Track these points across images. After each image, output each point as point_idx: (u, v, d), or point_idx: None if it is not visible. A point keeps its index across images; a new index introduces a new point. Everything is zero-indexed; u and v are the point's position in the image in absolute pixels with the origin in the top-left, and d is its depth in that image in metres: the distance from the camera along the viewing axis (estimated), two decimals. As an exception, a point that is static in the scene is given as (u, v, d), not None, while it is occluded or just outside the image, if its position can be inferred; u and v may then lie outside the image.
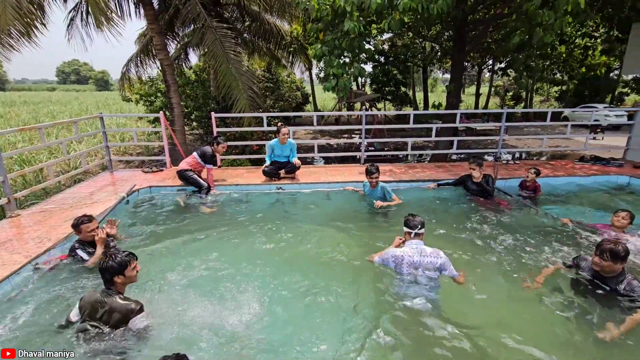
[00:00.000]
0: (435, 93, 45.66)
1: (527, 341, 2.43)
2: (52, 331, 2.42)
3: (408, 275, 2.89)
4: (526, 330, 2.58)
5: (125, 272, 2.41)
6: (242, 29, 12.10)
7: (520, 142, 14.66)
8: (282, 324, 2.64)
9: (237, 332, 2.50)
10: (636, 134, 7.41)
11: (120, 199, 4.86)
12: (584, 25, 11.12)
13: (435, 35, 16.09)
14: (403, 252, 2.92)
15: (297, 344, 2.45)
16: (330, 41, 6.57)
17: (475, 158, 5.11)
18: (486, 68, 26.55)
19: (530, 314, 2.82)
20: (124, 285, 2.46)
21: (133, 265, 2.47)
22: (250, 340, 2.44)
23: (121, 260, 2.40)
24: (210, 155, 5.42)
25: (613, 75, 25.25)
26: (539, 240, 3.90)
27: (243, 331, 2.51)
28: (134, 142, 7.08)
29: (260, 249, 3.75)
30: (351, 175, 6.15)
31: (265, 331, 2.54)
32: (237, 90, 8.10)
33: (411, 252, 2.90)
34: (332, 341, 2.46)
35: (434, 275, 2.88)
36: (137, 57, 11.51)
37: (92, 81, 77.18)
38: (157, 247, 3.72)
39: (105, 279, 2.40)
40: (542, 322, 2.72)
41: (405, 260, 2.88)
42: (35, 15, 6.84)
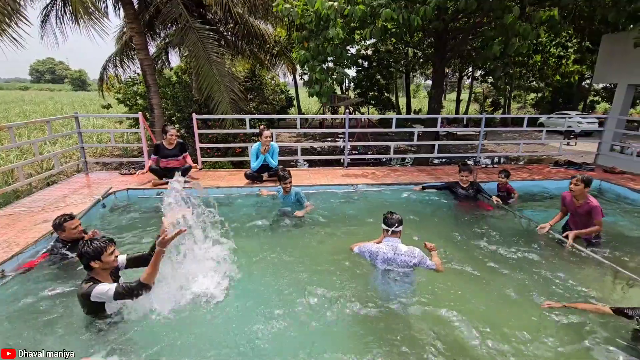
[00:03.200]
0: (418, 99, 46.51)
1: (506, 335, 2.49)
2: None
3: (382, 268, 2.99)
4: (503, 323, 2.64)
5: (102, 257, 2.39)
6: (225, 31, 11.98)
7: (499, 147, 15.10)
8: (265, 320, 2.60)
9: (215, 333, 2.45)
10: (606, 140, 7.75)
11: (95, 202, 4.68)
12: (557, 36, 11.60)
13: (417, 41, 16.41)
14: (379, 248, 3.01)
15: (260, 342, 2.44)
16: (314, 47, 6.60)
17: (465, 166, 5.21)
18: (466, 75, 27.28)
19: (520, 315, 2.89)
20: (103, 270, 2.44)
21: (110, 251, 2.44)
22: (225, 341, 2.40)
23: (97, 246, 2.38)
24: (154, 146, 5.59)
25: (585, 84, 26.44)
26: (511, 241, 4.04)
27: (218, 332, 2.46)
28: (112, 143, 6.86)
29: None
30: (334, 179, 6.16)
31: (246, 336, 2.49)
32: (218, 92, 8.00)
33: (386, 249, 2.97)
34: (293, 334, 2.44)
35: (406, 271, 2.95)
36: (115, 57, 11.21)
37: (68, 80, 74.50)
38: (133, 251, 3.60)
39: (84, 264, 2.40)
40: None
41: (379, 256, 2.98)
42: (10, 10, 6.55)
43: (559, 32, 6.47)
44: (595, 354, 2.40)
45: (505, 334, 2.56)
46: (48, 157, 6.63)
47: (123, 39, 11.32)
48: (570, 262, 3.66)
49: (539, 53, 16.64)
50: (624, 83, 7.52)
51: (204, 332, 2.50)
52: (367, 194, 5.72)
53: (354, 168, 7.14)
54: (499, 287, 3.15)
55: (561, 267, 3.53)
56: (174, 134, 5.53)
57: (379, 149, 13.47)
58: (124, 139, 13.52)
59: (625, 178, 6.51)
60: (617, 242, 4.11)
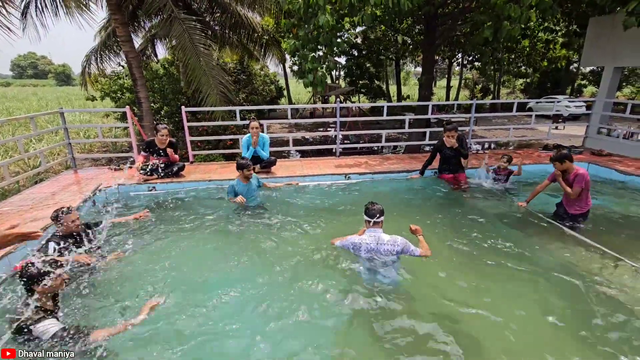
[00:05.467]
0: (408, 86, 46.42)
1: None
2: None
3: (366, 257, 3.01)
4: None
5: (44, 281, 2.22)
6: (211, 21, 11.73)
7: (489, 132, 15.21)
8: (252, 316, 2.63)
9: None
10: (593, 123, 7.86)
11: (85, 199, 4.62)
12: (545, 20, 11.61)
13: (406, 28, 16.30)
14: (361, 240, 3.02)
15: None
16: (304, 36, 6.50)
17: (450, 124, 5.35)
18: (456, 61, 27.25)
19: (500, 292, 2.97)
20: (44, 294, 2.27)
21: (55, 275, 2.26)
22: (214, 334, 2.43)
23: (38, 270, 2.22)
24: (145, 143, 5.53)
25: (573, 68, 26.63)
26: (497, 221, 4.18)
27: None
28: (99, 138, 6.73)
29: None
30: (327, 168, 6.16)
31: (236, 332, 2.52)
32: (207, 84, 7.86)
33: (369, 240, 2.98)
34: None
35: (390, 259, 2.98)
36: (98, 51, 10.92)
37: (52, 75, 72.36)
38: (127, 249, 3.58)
39: (25, 288, 2.25)
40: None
41: (362, 248, 2.99)
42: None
43: (549, 15, 6.44)
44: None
45: (491, 316, 2.63)
46: (34, 155, 6.49)
47: (107, 31, 11.02)
48: (551, 239, 3.83)
49: (527, 38, 16.68)
50: (611, 66, 7.59)
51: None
52: (360, 183, 5.74)
53: (346, 157, 7.14)
54: (485, 269, 3.28)
55: (541, 243, 3.71)
56: (166, 134, 5.43)
57: (371, 138, 13.47)
58: (113, 134, 13.29)
59: (612, 160, 6.64)
60: (601, 223, 4.23)
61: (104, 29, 11.30)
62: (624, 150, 7.08)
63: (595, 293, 2.91)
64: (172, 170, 5.55)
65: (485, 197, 5.08)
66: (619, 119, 12.34)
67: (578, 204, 4.02)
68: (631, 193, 5.29)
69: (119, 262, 3.26)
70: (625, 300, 2.82)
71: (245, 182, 4.54)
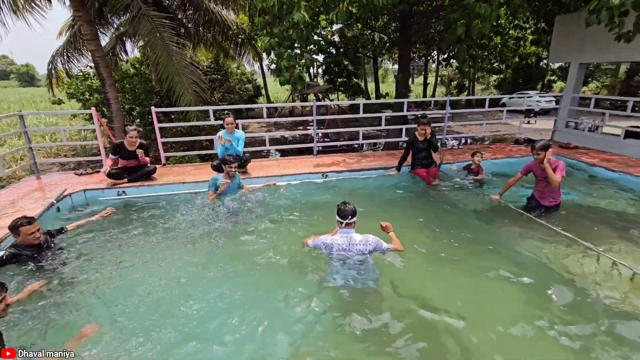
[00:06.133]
0: (387, 83, 46.90)
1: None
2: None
3: (338, 257, 2.98)
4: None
5: None
6: (184, 18, 11.40)
7: (465, 128, 15.56)
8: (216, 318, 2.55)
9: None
10: (561, 117, 8.16)
11: (48, 206, 4.36)
12: (515, 18, 11.96)
13: (382, 26, 16.41)
14: (333, 240, 2.98)
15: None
16: (279, 33, 6.39)
17: (423, 118, 5.41)
18: (431, 59, 27.73)
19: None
20: None
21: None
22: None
23: None
24: (113, 145, 5.28)
25: (542, 64, 27.64)
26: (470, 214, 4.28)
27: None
28: (65, 142, 6.38)
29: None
30: (304, 167, 6.09)
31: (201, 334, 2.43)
32: (180, 84, 7.63)
33: (341, 241, 2.96)
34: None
35: (362, 258, 2.97)
36: (64, 50, 10.39)
37: (15, 76, 68.70)
38: (93, 256, 3.39)
39: None
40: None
41: (334, 248, 2.96)
42: None
43: (519, 13, 6.61)
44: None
45: (464, 307, 2.66)
46: (-9, 160, 6.09)
47: (72, 30, 10.50)
48: (523, 230, 3.94)
49: (499, 35, 17.15)
50: (576, 62, 7.89)
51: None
52: (338, 182, 5.71)
53: (325, 156, 7.10)
54: (459, 261, 3.34)
55: (514, 234, 3.83)
56: (135, 135, 5.19)
57: (351, 136, 13.51)
58: (81, 137, 12.73)
59: (579, 152, 6.91)
60: (570, 213, 4.39)
61: (70, 27, 10.77)
62: (589, 143, 7.38)
63: (565, 280, 3.00)
64: (142, 174, 5.34)
65: (459, 191, 5.16)
66: (585, 113, 12.90)
67: (552, 195, 4.11)
68: (597, 183, 5.51)
69: (82, 273, 3.09)
70: (589, 285, 2.92)
71: (228, 178, 4.48)
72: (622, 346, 2.32)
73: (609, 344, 2.34)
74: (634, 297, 2.78)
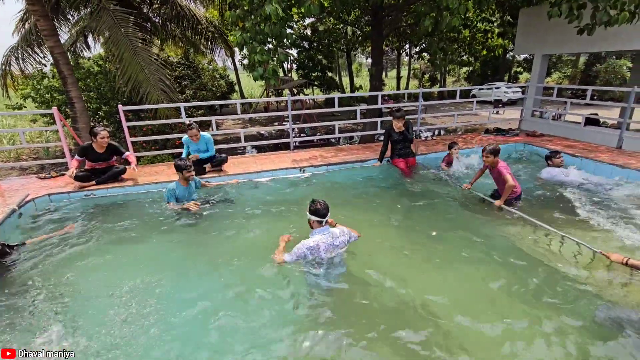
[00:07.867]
0: (361, 77, 47.16)
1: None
2: None
3: (327, 257, 2.92)
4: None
5: None
6: (150, 12, 10.96)
7: (438, 120, 15.94)
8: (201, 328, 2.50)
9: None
10: (527, 107, 8.51)
11: (9, 213, 4.11)
12: (483, 11, 12.32)
13: (355, 19, 16.46)
14: (317, 241, 2.89)
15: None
16: (251, 27, 6.26)
17: (398, 112, 5.52)
18: (404, 52, 28.12)
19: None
20: None
21: None
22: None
23: None
24: (80, 149, 5.04)
25: (509, 56, 28.66)
26: (444, 203, 4.40)
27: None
28: (24, 145, 6.00)
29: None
30: (281, 163, 6.04)
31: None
32: (146, 81, 7.34)
33: (325, 239, 2.92)
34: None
35: (343, 249, 3.02)
36: (19, 48, 9.74)
37: (-33, 76, 63.77)
38: (61, 262, 3.23)
39: None
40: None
41: (321, 248, 2.89)
42: None
43: (483, 5, 6.80)
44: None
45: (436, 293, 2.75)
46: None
47: (26, 26, 9.85)
48: (492, 217, 4.10)
49: (467, 28, 17.63)
50: (539, 53, 8.23)
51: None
52: (315, 176, 5.71)
53: (302, 151, 7.07)
54: (433, 247, 3.47)
55: (484, 221, 4.00)
56: (106, 136, 4.94)
57: (328, 130, 13.52)
58: (43, 139, 12.05)
59: (544, 140, 7.23)
60: (534, 199, 4.61)
61: (24, 22, 10.09)
62: (553, 131, 7.75)
63: (533, 260, 3.17)
64: (111, 175, 5.12)
65: (434, 182, 5.30)
66: (549, 102, 13.51)
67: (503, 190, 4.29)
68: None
69: (56, 278, 2.94)
70: (555, 264, 3.10)
71: (185, 184, 4.28)
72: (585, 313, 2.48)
73: (574, 315, 2.49)
74: (594, 271, 3.00)
